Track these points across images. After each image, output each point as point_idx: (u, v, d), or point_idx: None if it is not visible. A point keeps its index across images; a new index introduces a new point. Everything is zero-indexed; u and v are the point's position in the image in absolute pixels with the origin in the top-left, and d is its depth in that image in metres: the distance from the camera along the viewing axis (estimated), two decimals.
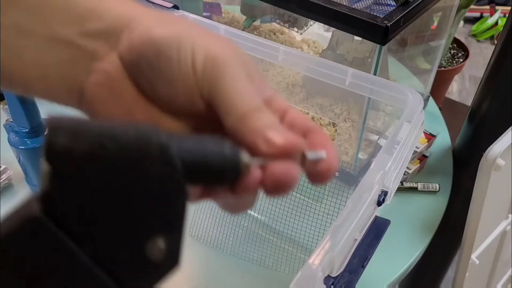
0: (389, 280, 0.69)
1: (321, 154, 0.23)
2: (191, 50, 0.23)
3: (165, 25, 0.24)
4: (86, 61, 0.24)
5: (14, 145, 0.72)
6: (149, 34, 0.23)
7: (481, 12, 2.63)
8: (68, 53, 0.24)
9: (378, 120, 0.88)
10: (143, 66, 0.24)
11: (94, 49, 0.24)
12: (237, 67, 0.23)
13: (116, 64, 0.24)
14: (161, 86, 0.24)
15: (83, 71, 0.25)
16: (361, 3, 0.66)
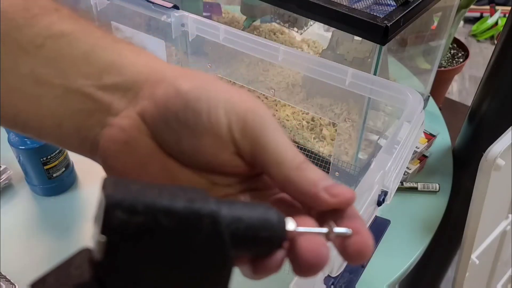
0: (389, 280, 0.69)
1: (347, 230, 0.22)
2: (224, 109, 0.23)
3: (190, 79, 0.24)
4: (101, 114, 0.25)
5: (14, 145, 0.72)
6: (176, 88, 0.24)
7: (481, 12, 2.63)
8: (84, 105, 0.24)
9: (378, 120, 0.88)
10: (170, 119, 0.23)
11: (110, 103, 0.25)
12: (274, 121, 0.24)
13: (132, 120, 0.24)
14: (186, 139, 0.24)
15: (98, 124, 0.25)
16: (361, 3, 0.66)
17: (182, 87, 0.24)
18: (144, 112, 0.24)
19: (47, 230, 0.75)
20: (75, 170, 0.82)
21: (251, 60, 0.81)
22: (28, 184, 0.79)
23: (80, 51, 0.24)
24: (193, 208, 0.19)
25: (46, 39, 0.24)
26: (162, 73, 0.25)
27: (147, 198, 0.18)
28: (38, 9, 0.24)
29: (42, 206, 0.78)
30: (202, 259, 0.19)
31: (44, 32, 0.24)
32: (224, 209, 0.20)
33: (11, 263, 0.68)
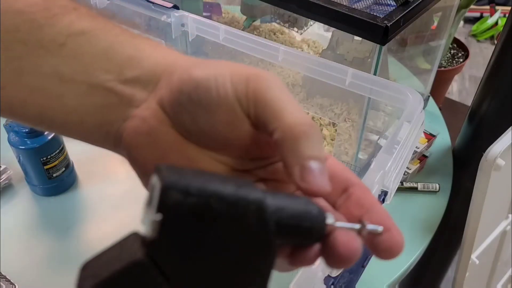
0: (389, 280, 0.69)
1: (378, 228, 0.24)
2: (230, 78, 0.24)
3: (203, 67, 0.25)
4: (123, 108, 0.25)
5: (14, 145, 0.72)
6: (189, 74, 0.24)
7: (481, 12, 2.63)
8: (106, 100, 0.25)
9: (378, 120, 0.88)
10: (183, 101, 0.24)
11: (132, 95, 0.25)
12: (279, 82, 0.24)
13: (153, 110, 0.25)
14: (202, 116, 0.24)
15: (120, 117, 0.25)
16: (361, 3, 0.66)
17: (194, 72, 0.24)
18: (162, 100, 0.25)
19: (47, 230, 0.75)
20: (75, 170, 0.82)
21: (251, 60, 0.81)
22: (28, 184, 0.79)
23: (100, 48, 0.25)
24: (241, 193, 0.20)
25: (67, 38, 0.25)
26: (177, 64, 0.25)
27: (199, 182, 0.19)
28: (58, 9, 0.25)
29: (42, 206, 0.78)
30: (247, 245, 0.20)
31: (65, 31, 0.25)
32: (268, 198, 0.20)
33: (11, 263, 0.68)
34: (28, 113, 0.25)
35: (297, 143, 0.22)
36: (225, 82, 0.24)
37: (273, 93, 0.23)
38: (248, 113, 0.24)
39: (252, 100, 0.23)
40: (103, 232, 0.72)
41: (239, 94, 0.23)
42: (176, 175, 0.19)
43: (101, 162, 0.86)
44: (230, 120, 0.24)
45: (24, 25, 0.24)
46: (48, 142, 0.73)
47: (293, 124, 0.22)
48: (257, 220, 0.20)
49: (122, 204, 0.77)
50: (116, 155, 0.28)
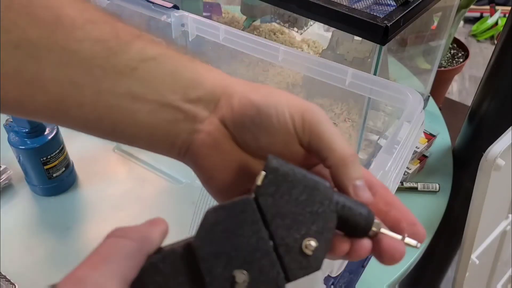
0: (389, 280, 0.69)
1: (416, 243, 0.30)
2: (288, 108, 0.29)
3: (257, 91, 0.30)
4: (188, 123, 0.30)
5: (14, 145, 0.72)
6: (248, 98, 0.30)
7: (481, 12, 2.63)
8: (173, 116, 0.30)
9: (378, 120, 0.88)
10: (246, 123, 0.30)
11: (196, 113, 0.30)
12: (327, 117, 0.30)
13: (216, 126, 0.30)
14: (263, 136, 0.30)
15: (185, 131, 0.30)
16: (361, 3, 0.66)
17: (253, 97, 0.30)
18: (224, 118, 0.30)
19: (47, 230, 0.75)
20: (75, 170, 0.82)
21: (251, 60, 0.81)
22: (28, 184, 0.79)
23: (167, 71, 0.29)
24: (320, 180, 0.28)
25: (139, 63, 0.29)
26: (234, 87, 0.31)
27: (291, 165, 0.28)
28: (128, 36, 0.29)
29: (42, 206, 0.78)
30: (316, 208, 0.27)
31: (137, 57, 0.29)
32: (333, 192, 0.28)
33: (11, 263, 0.68)
34: (102, 127, 0.29)
35: (348, 169, 0.29)
36: (284, 112, 0.29)
37: (324, 127, 0.29)
38: (302, 141, 0.30)
39: (308, 132, 0.29)
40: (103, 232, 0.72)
41: (296, 124, 0.29)
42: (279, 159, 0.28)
43: (101, 162, 0.86)
44: (286, 141, 0.30)
45: (101, 52, 0.28)
46: (48, 142, 0.73)
47: (344, 155, 0.29)
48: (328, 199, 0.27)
49: (122, 204, 0.77)
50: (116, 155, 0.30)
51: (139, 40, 0.29)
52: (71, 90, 0.28)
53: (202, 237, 0.25)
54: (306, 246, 0.26)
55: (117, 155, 0.87)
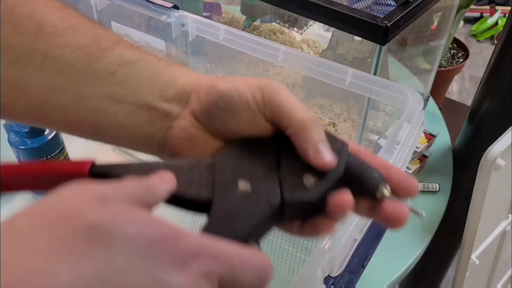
0: (389, 280, 0.69)
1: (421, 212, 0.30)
2: (248, 88, 0.30)
3: (223, 81, 0.31)
4: (164, 121, 0.31)
5: (14, 145, 0.72)
6: (213, 87, 0.31)
7: (481, 12, 2.63)
8: (151, 116, 0.31)
9: (378, 120, 0.88)
10: (213, 109, 0.31)
11: (171, 111, 0.32)
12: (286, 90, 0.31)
13: (189, 120, 0.31)
14: (229, 119, 0.31)
15: (162, 128, 0.32)
16: (361, 3, 0.66)
17: (217, 86, 0.31)
18: (195, 111, 0.31)
19: None
20: None
21: (251, 60, 0.81)
22: None
23: (145, 75, 0.31)
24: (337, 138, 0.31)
25: (118, 67, 0.30)
26: (203, 82, 0.32)
27: None
28: (107, 42, 0.31)
29: None
30: None
31: (116, 62, 0.30)
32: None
33: None
34: (83, 129, 0.31)
35: (307, 133, 0.29)
36: (245, 91, 0.30)
37: (282, 98, 0.30)
38: (265, 114, 0.30)
39: (268, 105, 0.30)
40: None
41: (257, 100, 0.30)
42: None
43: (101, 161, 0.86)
44: (252, 119, 0.30)
45: (82, 58, 0.30)
46: (48, 142, 0.73)
47: (302, 121, 0.29)
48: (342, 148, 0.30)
49: None
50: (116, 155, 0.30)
51: (119, 46, 0.31)
52: (52, 95, 0.29)
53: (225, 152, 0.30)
54: (307, 179, 0.29)
55: (117, 155, 0.87)
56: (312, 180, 0.29)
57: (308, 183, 0.29)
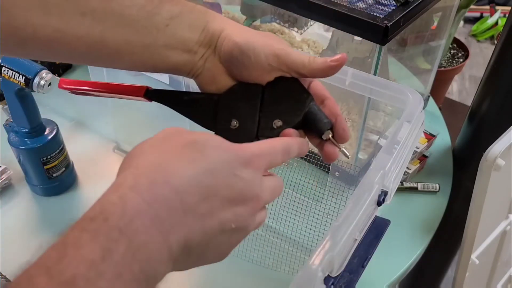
0: (389, 280, 0.69)
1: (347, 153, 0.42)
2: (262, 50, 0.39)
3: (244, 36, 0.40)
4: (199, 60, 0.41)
5: (14, 145, 0.72)
6: (234, 41, 0.40)
7: (481, 12, 2.63)
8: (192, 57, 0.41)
9: (378, 120, 0.88)
10: (233, 61, 0.40)
11: (204, 53, 0.41)
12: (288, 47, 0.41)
13: (215, 63, 0.41)
14: (244, 71, 0.40)
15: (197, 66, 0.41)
16: (361, 3, 0.66)
17: (238, 40, 0.40)
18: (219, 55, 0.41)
19: (47, 230, 0.75)
20: (75, 170, 0.82)
21: None
22: (28, 184, 0.79)
23: (187, 23, 0.40)
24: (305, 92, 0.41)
25: (170, 21, 0.39)
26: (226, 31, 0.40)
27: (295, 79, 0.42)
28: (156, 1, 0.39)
29: (42, 206, 0.78)
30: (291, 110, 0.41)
31: (167, 16, 0.39)
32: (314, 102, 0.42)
33: (11, 263, 0.68)
34: (145, 67, 0.41)
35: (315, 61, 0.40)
36: (260, 54, 0.39)
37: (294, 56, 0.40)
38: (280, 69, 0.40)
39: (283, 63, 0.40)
40: None
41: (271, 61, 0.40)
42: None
43: (101, 162, 0.86)
44: (260, 73, 0.40)
45: (144, 15, 0.38)
46: (48, 142, 0.73)
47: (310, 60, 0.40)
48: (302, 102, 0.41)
49: None
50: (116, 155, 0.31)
51: (164, 2, 0.39)
52: (126, 45, 0.39)
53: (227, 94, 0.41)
54: (275, 123, 0.40)
55: (117, 155, 0.87)
56: (279, 123, 0.40)
57: (276, 125, 0.40)
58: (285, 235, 0.71)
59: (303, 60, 0.40)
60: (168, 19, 0.39)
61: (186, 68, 0.41)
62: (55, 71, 1.02)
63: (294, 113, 0.40)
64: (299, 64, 0.40)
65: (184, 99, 0.43)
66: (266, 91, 0.41)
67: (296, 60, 0.40)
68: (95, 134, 0.90)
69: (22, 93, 0.68)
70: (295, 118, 0.40)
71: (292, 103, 0.40)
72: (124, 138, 0.88)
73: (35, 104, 0.71)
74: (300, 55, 0.40)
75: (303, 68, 0.40)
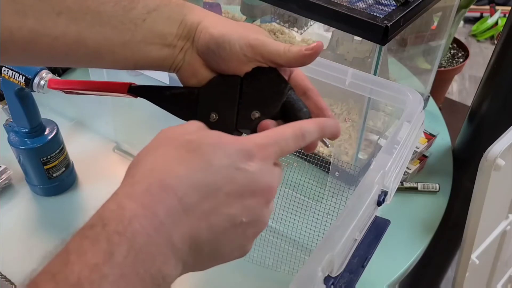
0: (389, 280, 0.69)
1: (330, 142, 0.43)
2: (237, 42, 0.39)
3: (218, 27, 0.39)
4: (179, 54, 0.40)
5: (14, 145, 0.72)
6: (211, 33, 0.39)
7: (481, 12, 2.63)
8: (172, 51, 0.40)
9: (378, 120, 0.88)
10: (210, 53, 0.40)
11: (183, 46, 0.40)
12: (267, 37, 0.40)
13: (194, 57, 0.41)
14: (221, 62, 0.40)
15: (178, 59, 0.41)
16: (361, 3, 0.66)
17: (214, 33, 0.39)
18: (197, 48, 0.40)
19: (47, 230, 0.75)
20: (75, 170, 0.82)
21: None
22: (28, 184, 0.79)
23: (165, 17, 0.39)
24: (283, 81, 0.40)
25: (147, 15, 0.39)
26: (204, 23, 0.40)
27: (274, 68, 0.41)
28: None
29: (42, 206, 0.78)
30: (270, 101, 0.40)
31: (143, 10, 0.39)
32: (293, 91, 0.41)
33: (11, 263, 0.68)
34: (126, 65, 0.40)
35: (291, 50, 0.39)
36: (235, 45, 0.39)
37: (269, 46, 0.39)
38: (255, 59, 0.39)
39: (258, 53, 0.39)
40: None
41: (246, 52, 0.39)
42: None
43: (101, 162, 0.86)
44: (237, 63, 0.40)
45: (120, 11, 0.38)
46: (48, 142, 0.73)
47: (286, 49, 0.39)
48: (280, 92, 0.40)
49: None
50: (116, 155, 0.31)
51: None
52: (104, 43, 0.38)
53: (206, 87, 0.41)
54: (253, 114, 0.40)
55: (117, 155, 0.87)
56: (257, 114, 0.40)
57: (254, 117, 0.40)
58: (285, 235, 0.71)
59: (278, 50, 0.39)
60: (145, 13, 0.39)
61: (167, 62, 0.41)
62: (55, 71, 1.02)
63: (271, 104, 0.40)
64: (274, 54, 0.39)
65: (166, 95, 0.42)
66: (245, 83, 0.40)
67: (271, 50, 0.39)
68: (95, 134, 0.90)
69: (22, 93, 0.68)
70: (273, 109, 0.40)
71: (269, 93, 0.40)
72: (124, 139, 0.88)
73: (35, 104, 0.71)
74: (276, 45, 0.39)
75: (279, 58, 0.39)
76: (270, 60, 0.40)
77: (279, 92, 0.40)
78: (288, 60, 0.39)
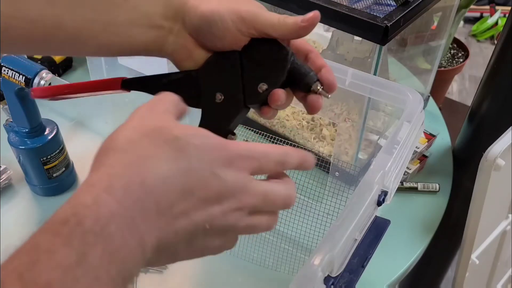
0: (389, 280, 0.69)
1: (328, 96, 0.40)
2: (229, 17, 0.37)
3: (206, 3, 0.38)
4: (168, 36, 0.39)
5: (14, 145, 0.72)
6: (201, 11, 0.38)
7: (481, 12, 2.63)
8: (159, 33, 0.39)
9: (378, 120, 0.88)
10: (203, 31, 0.38)
11: (171, 27, 0.39)
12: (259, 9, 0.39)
13: (187, 38, 0.39)
14: (216, 40, 0.38)
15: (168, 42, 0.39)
16: (361, 3, 0.66)
17: (202, 10, 0.38)
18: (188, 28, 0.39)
19: None
20: (75, 170, 0.82)
21: None
22: (28, 184, 0.79)
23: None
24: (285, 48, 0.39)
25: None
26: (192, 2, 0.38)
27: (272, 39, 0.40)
28: None
29: (42, 206, 0.78)
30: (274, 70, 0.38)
31: None
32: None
33: None
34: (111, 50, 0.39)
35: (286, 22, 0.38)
36: (227, 20, 0.37)
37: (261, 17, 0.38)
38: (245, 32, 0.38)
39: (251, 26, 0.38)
40: None
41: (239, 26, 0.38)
42: None
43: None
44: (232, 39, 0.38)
45: None
46: (48, 142, 0.73)
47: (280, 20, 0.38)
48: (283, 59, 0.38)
49: None
50: None
51: None
52: (85, 26, 0.36)
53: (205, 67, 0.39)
54: (260, 87, 0.38)
55: None
56: (265, 86, 0.38)
57: (261, 89, 0.38)
58: (285, 235, 0.71)
59: (272, 21, 0.38)
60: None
61: (156, 46, 0.39)
62: (55, 71, 1.02)
63: (277, 73, 0.38)
64: (268, 26, 0.37)
65: (163, 83, 0.40)
66: (244, 56, 0.39)
67: (264, 22, 0.37)
68: (95, 135, 0.90)
69: (22, 93, 0.68)
70: (280, 78, 0.38)
71: (273, 63, 0.38)
72: None
73: (35, 104, 0.71)
74: (270, 16, 0.38)
75: (273, 30, 0.38)
76: (264, 32, 0.38)
77: (282, 59, 0.38)
78: (282, 32, 0.38)
